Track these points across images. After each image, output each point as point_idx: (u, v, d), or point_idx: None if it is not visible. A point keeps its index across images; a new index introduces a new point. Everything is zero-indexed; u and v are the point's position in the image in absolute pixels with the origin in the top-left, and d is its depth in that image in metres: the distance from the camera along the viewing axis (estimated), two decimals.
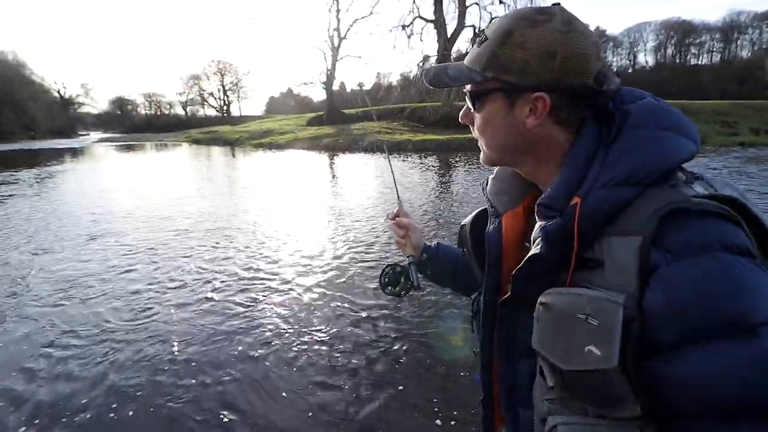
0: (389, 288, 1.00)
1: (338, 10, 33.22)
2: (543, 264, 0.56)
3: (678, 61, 56.57)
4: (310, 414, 2.27)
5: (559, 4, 0.59)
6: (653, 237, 0.48)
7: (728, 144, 18.45)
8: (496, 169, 0.74)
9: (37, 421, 2.27)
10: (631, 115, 0.56)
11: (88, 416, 2.29)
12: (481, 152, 0.68)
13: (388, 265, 1.01)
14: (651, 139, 0.54)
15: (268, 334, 3.13)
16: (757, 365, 0.41)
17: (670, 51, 57.38)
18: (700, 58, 56.69)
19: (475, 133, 0.67)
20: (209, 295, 3.85)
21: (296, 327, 3.23)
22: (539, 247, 0.56)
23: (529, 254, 0.58)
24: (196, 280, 4.23)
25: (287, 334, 3.12)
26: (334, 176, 13.03)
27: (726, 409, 0.42)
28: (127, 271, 4.50)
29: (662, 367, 0.45)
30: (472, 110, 0.65)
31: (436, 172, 12.58)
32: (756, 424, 0.41)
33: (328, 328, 3.21)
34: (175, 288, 4.04)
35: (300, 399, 2.40)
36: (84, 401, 2.41)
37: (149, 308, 3.59)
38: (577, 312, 0.50)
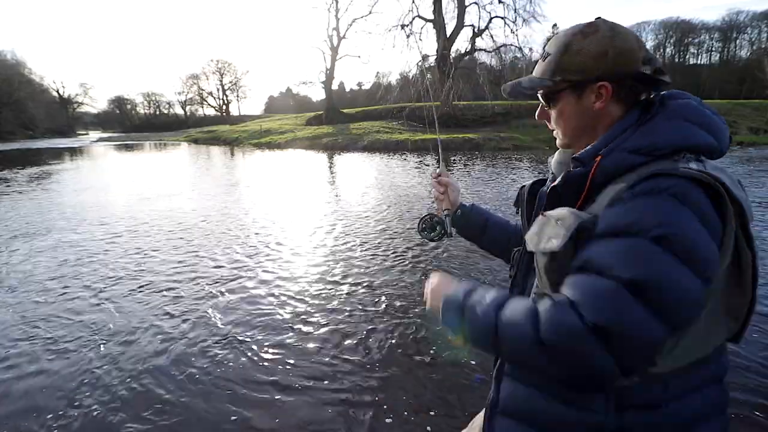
0: (425, 232, 1.18)
1: (337, 10, 33.22)
2: (556, 195, 0.77)
3: (677, 60, 56.57)
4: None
5: (600, 17, 0.79)
6: (632, 184, 0.66)
7: None
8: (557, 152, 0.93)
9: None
10: (667, 109, 0.72)
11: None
12: (557, 139, 0.87)
13: (428, 214, 1.20)
14: (671, 125, 0.70)
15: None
16: (618, 252, 0.62)
17: (669, 50, 57.39)
18: (699, 57, 56.85)
19: (552, 125, 0.86)
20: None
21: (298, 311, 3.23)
22: (558, 182, 0.77)
23: (551, 185, 0.79)
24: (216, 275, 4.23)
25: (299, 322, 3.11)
26: (333, 174, 13.02)
27: (595, 269, 0.63)
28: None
29: (584, 250, 0.66)
30: (548, 108, 0.85)
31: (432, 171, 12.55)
32: (600, 278, 0.61)
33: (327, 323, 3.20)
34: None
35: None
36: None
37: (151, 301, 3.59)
38: (555, 218, 0.71)
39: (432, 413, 2.26)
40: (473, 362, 2.67)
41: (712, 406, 0.74)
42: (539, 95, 0.85)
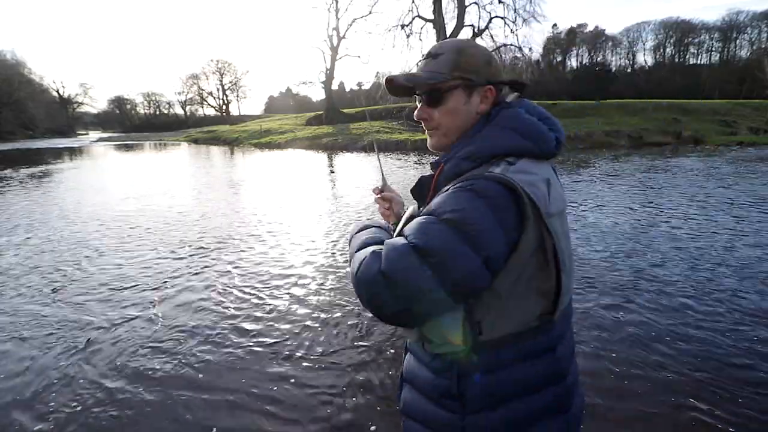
0: None
1: (337, 10, 33.22)
2: (416, 195, 0.96)
3: (677, 60, 56.57)
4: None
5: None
6: (456, 183, 0.80)
7: (727, 143, 18.44)
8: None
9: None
10: (498, 117, 0.85)
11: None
12: (435, 139, 0.93)
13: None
14: (493, 134, 0.83)
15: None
16: (419, 227, 0.76)
17: (669, 50, 57.42)
18: (700, 57, 56.78)
19: (432, 123, 0.91)
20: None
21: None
22: (415, 185, 0.94)
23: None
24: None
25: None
26: (332, 173, 13.02)
27: (402, 234, 0.79)
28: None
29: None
30: (432, 108, 0.90)
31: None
32: (400, 240, 0.77)
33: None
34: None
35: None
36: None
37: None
38: (406, 211, 0.93)
39: None
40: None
41: (545, 377, 0.85)
42: (424, 93, 0.90)
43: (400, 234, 0.81)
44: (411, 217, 0.85)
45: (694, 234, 5.32)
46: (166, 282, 4.19)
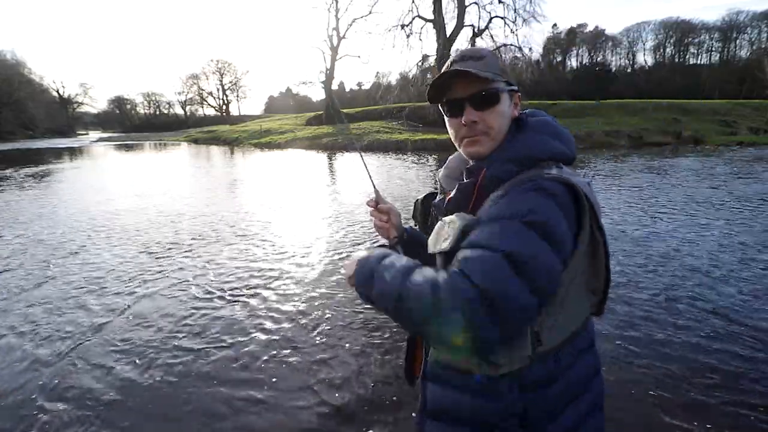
0: None
1: (337, 10, 33.20)
2: (455, 204, 0.88)
3: (677, 60, 56.56)
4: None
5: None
6: (508, 189, 0.79)
7: (727, 143, 18.45)
8: (448, 160, 1.05)
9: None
10: (528, 124, 0.89)
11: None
12: (484, 146, 0.88)
13: (379, 245, 1.08)
14: (534, 139, 0.86)
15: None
16: (502, 230, 0.72)
17: (669, 50, 57.40)
18: (699, 57, 56.77)
19: (480, 128, 0.87)
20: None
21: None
22: (454, 193, 0.89)
23: (449, 196, 0.92)
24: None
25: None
26: (332, 173, 13.02)
27: (479, 245, 0.72)
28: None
29: (468, 237, 0.76)
30: (484, 109, 0.86)
31: (432, 170, 12.57)
32: (487, 251, 0.70)
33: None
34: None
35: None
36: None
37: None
38: (447, 222, 0.82)
39: None
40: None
41: (594, 368, 0.90)
42: (478, 95, 0.86)
43: (456, 248, 0.76)
44: (466, 227, 0.78)
45: (659, 233, 5.33)
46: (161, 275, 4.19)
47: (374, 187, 1.10)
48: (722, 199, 7.44)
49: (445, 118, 0.92)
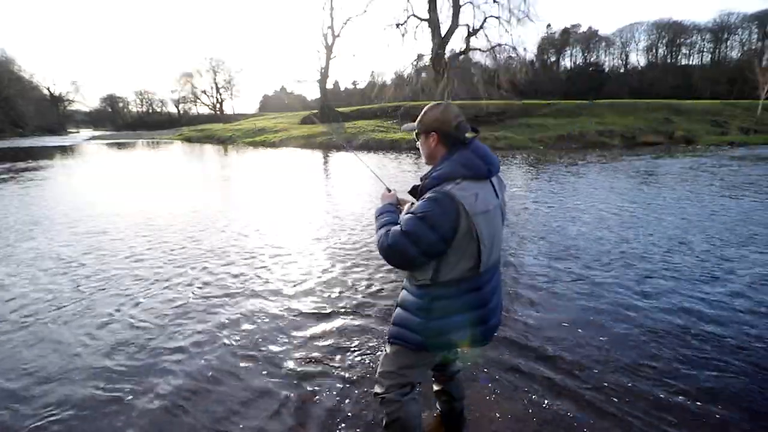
0: None
1: (332, 9, 33.11)
2: (411, 193, 1.65)
3: (669, 61, 56.98)
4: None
5: (449, 103, 1.83)
6: (426, 193, 1.48)
7: (718, 143, 18.65)
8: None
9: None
10: (457, 152, 1.51)
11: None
12: (423, 157, 1.67)
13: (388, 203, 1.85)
14: (451, 164, 1.48)
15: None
16: (406, 220, 1.46)
17: (661, 51, 57.84)
18: (691, 58, 57.21)
19: (420, 149, 1.67)
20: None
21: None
22: (420, 189, 1.56)
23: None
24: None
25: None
26: (327, 173, 12.97)
27: (401, 223, 1.50)
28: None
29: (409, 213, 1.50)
30: (418, 141, 1.66)
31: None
32: (402, 229, 1.46)
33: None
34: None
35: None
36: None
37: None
38: (409, 204, 1.66)
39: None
40: (480, 362, 2.69)
41: (471, 304, 1.54)
42: (414, 133, 1.67)
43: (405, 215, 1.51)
44: (411, 208, 1.52)
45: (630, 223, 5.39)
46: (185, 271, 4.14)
47: (382, 181, 2.07)
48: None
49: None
